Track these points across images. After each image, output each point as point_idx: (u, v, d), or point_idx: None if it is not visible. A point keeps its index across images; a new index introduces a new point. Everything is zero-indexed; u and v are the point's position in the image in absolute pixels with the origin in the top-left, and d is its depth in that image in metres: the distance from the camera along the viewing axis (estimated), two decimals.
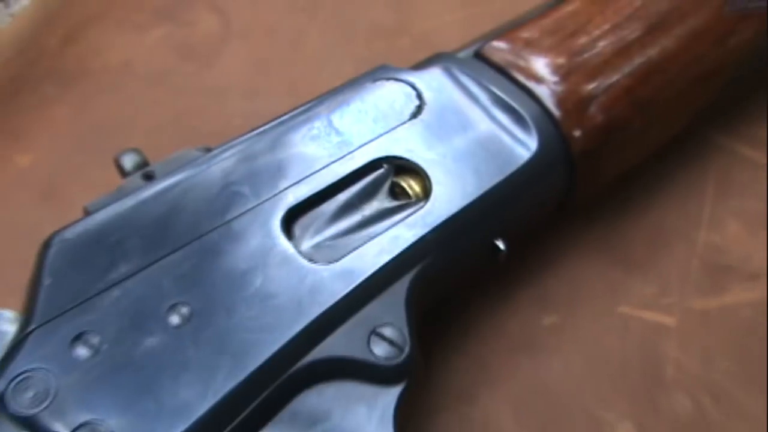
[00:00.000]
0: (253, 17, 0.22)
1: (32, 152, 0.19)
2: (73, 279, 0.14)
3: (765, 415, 0.16)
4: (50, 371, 0.13)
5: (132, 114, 0.20)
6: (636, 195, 0.19)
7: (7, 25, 0.23)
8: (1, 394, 0.12)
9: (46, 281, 0.14)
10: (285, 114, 0.16)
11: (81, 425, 0.12)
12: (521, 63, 0.17)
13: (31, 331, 0.13)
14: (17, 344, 0.13)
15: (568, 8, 0.18)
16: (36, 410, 0.12)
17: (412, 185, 0.16)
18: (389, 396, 0.14)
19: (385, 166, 0.16)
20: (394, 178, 0.16)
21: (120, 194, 0.15)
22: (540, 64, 0.17)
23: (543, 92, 0.17)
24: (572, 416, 0.16)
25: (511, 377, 0.16)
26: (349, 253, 0.14)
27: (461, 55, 0.18)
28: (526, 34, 0.18)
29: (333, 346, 0.14)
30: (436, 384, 0.16)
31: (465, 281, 0.17)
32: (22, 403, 0.12)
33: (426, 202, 0.15)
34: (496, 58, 0.17)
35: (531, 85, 0.17)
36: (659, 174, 0.19)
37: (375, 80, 0.17)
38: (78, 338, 0.13)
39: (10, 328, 0.14)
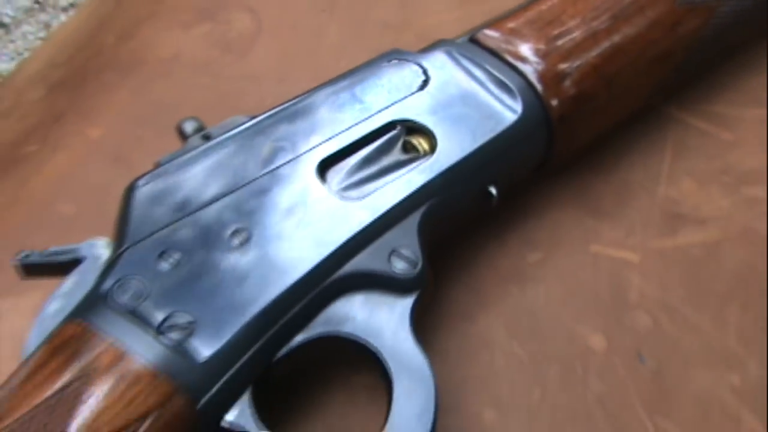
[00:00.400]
0: (280, 15, 0.26)
1: (101, 127, 0.23)
2: (153, 212, 0.18)
3: (710, 329, 0.20)
4: (142, 278, 0.16)
5: (181, 97, 0.24)
6: (606, 157, 0.23)
7: (65, 27, 0.27)
8: (107, 293, 0.16)
9: (133, 213, 0.18)
10: (315, 87, 0.20)
11: (169, 315, 0.16)
12: (509, 47, 0.21)
13: (124, 250, 0.17)
14: (114, 260, 0.17)
15: (547, 2, 0.22)
16: (135, 304, 0.16)
17: (421, 142, 0.20)
18: (406, 302, 0.18)
19: (399, 127, 0.20)
20: (405, 137, 0.20)
21: (185, 150, 0.19)
22: (524, 48, 0.21)
23: (527, 69, 0.20)
24: (553, 330, 0.20)
25: (503, 302, 0.20)
26: (371, 192, 0.18)
27: (459, 41, 0.22)
28: (512, 23, 0.22)
29: (361, 262, 0.17)
30: (438, 307, 0.20)
31: (464, 220, 0.20)
32: (124, 299, 0.16)
33: (432, 155, 0.19)
34: (488, 42, 0.21)
35: (517, 63, 0.21)
36: (626, 140, 0.23)
37: (389, 60, 0.21)
38: (161, 255, 0.17)
39: (105, 252, 0.18)
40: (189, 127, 0.20)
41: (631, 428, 0.18)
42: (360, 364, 0.17)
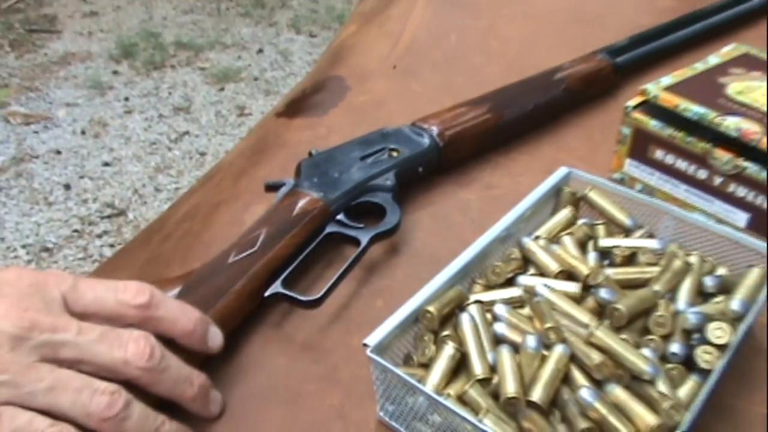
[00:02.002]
0: None
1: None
2: (315, 170, 0.55)
3: None
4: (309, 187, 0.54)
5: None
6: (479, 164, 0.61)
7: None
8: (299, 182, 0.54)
9: (303, 168, 0.55)
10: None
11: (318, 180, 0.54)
12: (424, 123, 0.61)
13: (298, 184, 0.55)
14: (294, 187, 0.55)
15: (445, 112, 0.62)
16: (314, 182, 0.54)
17: (397, 151, 0.58)
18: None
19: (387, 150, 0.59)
20: (389, 151, 0.58)
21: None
22: (432, 124, 0.61)
23: (432, 130, 0.60)
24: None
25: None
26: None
27: (405, 126, 0.61)
28: (431, 118, 0.62)
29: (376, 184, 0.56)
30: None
31: (417, 178, 0.59)
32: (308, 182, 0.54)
33: (400, 156, 0.58)
34: (419, 123, 0.61)
35: (428, 127, 0.60)
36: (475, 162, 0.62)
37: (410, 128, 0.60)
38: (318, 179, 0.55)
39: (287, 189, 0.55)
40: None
41: None
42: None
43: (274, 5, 4.17)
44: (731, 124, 0.52)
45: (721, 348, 0.40)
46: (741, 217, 0.54)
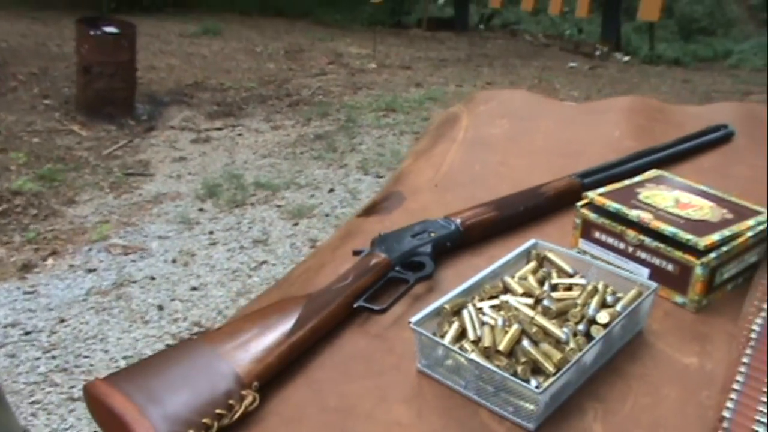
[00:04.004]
0: None
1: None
2: (383, 243, 0.97)
3: None
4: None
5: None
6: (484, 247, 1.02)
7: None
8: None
9: (376, 242, 0.97)
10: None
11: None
12: (453, 216, 1.03)
13: (372, 250, 0.96)
14: (370, 252, 0.96)
15: (472, 209, 1.04)
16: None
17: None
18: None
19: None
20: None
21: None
22: (457, 216, 1.02)
23: (456, 221, 1.02)
24: None
25: None
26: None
27: (439, 218, 1.03)
28: (456, 213, 1.04)
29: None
30: None
31: (446, 250, 1.00)
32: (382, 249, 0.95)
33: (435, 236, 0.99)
34: (448, 216, 1.03)
35: (454, 219, 1.02)
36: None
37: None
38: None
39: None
40: None
41: None
42: None
43: (344, 149, 4.79)
44: (635, 214, 0.92)
45: (605, 326, 0.79)
46: (645, 272, 0.92)
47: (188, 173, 4.37)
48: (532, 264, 0.91)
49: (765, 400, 0.72)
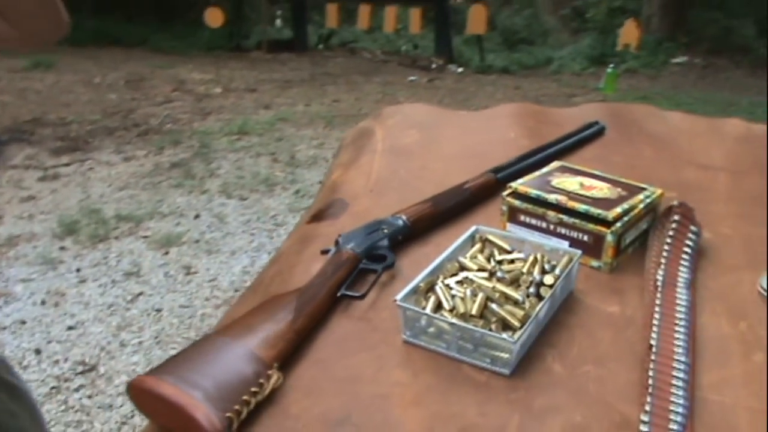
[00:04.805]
0: None
1: None
2: (347, 241, 1.13)
3: None
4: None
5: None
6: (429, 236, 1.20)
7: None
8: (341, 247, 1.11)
9: (341, 240, 1.13)
10: None
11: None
12: (400, 214, 1.20)
13: (340, 248, 1.12)
14: (338, 250, 1.12)
15: (414, 206, 1.22)
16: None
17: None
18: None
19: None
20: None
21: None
22: (403, 213, 1.20)
23: (403, 217, 1.19)
24: None
25: None
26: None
27: (389, 216, 1.21)
28: (402, 211, 1.21)
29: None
30: None
31: (398, 242, 1.17)
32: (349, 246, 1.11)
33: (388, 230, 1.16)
34: (396, 214, 1.21)
35: (401, 215, 1.20)
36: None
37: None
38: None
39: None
40: None
41: None
42: None
43: (203, 175, 4.83)
44: (553, 198, 1.15)
45: (549, 287, 0.99)
46: (565, 245, 1.14)
47: (40, 212, 4.25)
48: (478, 245, 1.10)
49: (678, 329, 0.96)
